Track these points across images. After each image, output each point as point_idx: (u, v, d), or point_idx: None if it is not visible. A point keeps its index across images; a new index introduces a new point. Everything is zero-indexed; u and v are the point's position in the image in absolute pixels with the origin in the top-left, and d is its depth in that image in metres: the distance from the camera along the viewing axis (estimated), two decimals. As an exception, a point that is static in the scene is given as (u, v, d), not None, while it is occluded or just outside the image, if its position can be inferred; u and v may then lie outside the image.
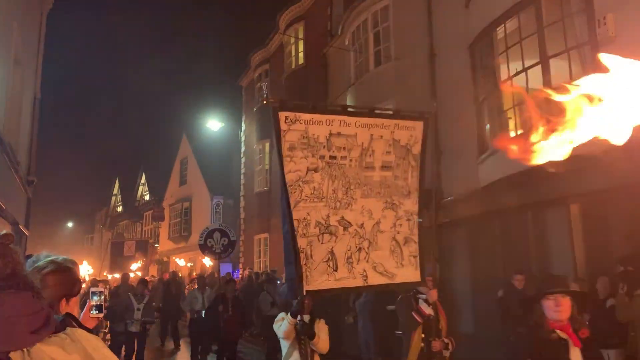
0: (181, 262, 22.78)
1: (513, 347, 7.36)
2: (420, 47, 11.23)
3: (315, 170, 4.39)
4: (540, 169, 6.24)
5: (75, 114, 67.08)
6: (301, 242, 4.27)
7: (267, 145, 21.34)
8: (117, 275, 24.75)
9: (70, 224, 52.12)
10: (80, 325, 2.20)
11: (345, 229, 4.51)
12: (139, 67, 59.92)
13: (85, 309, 2.59)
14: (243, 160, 24.40)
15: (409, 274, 4.79)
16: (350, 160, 4.56)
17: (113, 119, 62.58)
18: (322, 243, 4.38)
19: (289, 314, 4.82)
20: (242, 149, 24.56)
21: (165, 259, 32.25)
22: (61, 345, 1.99)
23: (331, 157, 4.46)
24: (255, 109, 22.44)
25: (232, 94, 27.09)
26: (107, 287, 17.62)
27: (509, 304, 7.24)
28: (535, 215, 8.02)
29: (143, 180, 40.84)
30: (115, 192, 48.30)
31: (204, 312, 10.43)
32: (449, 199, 9.76)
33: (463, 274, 9.67)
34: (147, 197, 39.21)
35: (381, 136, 4.68)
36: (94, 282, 14.29)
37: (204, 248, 11.37)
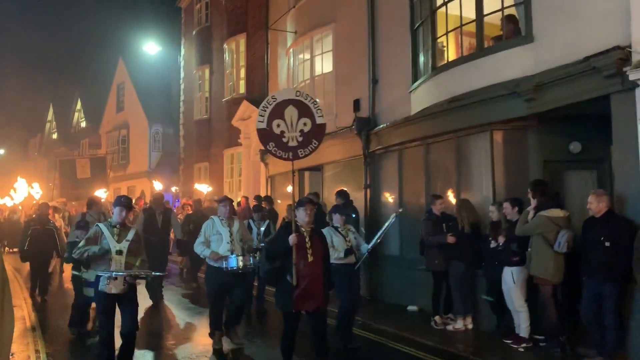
0: (158, 185, 18.84)
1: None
2: (361, -30, 10.88)
3: None
4: (465, 96, 6.31)
5: (3, 35, 62.20)
6: None
7: (207, 71, 20.63)
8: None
9: (1, 151, 49.58)
10: None
11: None
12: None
13: None
14: (182, 86, 23.58)
15: None
16: None
17: (45, 40, 58.52)
18: None
19: None
20: (181, 75, 23.67)
21: (103, 187, 31.42)
22: None
23: None
24: (194, 32, 21.49)
25: (170, 16, 25.69)
26: (63, 214, 14.72)
27: (427, 224, 7.78)
28: (460, 142, 8.22)
29: (78, 106, 39.03)
30: (49, 118, 45.98)
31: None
32: (381, 126, 9.83)
33: (392, 200, 9.94)
34: (83, 124, 37.63)
35: None
36: (43, 208, 11.09)
37: (268, 137, 5.87)
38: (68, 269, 10.28)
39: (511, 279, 6.62)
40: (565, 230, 6.12)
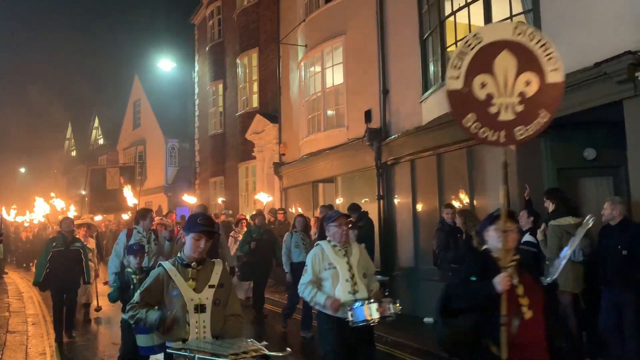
0: (190, 199, 16.32)
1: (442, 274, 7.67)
2: (369, -18, 10.94)
3: None
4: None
5: (22, 57, 63.74)
6: None
7: (220, 86, 20.83)
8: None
9: (22, 170, 50.48)
10: None
11: None
12: (87, 5, 56.90)
13: None
14: (197, 102, 23.82)
15: None
16: None
17: (63, 60, 59.80)
18: None
19: None
20: (196, 91, 23.93)
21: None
22: None
23: None
24: (207, 48, 21.75)
25: (184, 32, 26.03)
26: (93, 234, 10.78)
27: (439, 235, 7.64)
28: (472, 151, 8.16)
29: (96, 123, 39.66)
30: (68, 136, 46.79)
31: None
32: (393, 137, 9.81)
33: (405, 211, 9.88)
34: (101, 141, 38.20)
35: None
36: (66, 223, 8.56)
37: (464, 104, 3.09)
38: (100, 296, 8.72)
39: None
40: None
